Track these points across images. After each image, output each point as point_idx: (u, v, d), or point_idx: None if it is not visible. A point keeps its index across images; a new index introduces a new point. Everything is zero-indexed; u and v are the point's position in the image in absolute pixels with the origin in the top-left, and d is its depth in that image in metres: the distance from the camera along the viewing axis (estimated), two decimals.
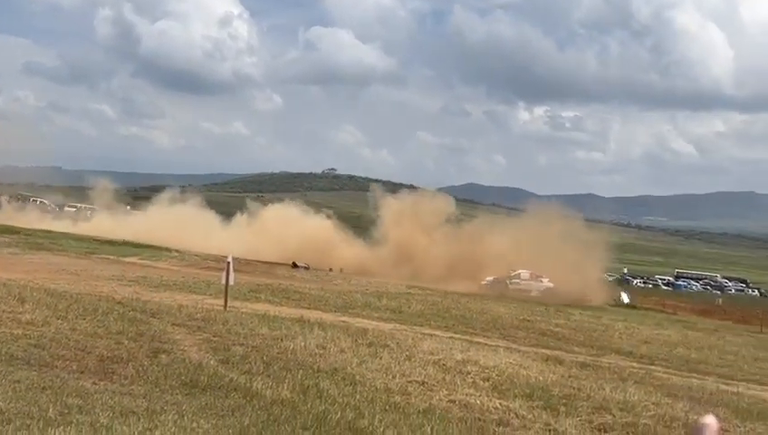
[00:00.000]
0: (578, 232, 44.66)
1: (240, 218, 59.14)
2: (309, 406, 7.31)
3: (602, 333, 21.32)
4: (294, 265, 38.98)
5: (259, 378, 8.31)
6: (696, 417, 8.83)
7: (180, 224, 49.99)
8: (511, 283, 40.34)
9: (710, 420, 1.16)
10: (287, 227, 50.58)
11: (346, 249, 49.74)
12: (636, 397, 9.78)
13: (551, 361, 13.07)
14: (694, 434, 1.18)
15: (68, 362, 7.95)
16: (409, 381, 9.30)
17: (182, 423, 6.03)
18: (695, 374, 14.65)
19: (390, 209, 53.37)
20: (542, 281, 40.56)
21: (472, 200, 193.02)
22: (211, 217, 58.02)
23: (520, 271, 41.47)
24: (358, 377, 9.19)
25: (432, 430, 7.03)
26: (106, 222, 53.45)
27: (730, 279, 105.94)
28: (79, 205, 74.72)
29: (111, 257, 30.25)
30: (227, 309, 14.80)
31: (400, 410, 7.80)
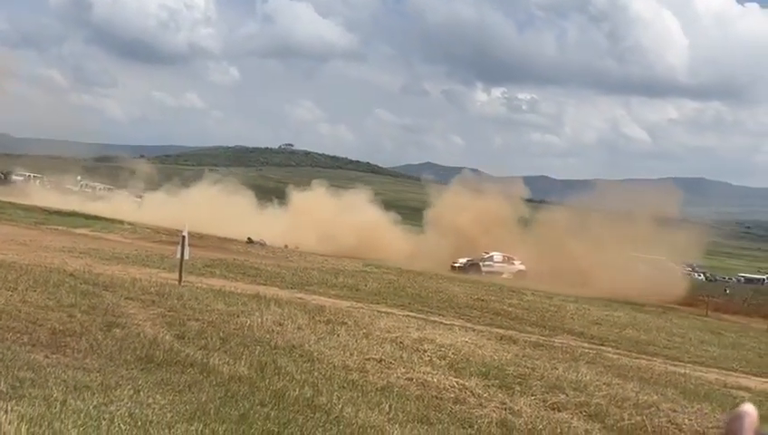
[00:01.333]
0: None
1: (274, 203, 55.53)
2: (267, 383, 7.28)
3: (554, 313, 21.67)
4: (250, 241, 38.63)
5: (216, 354, 8.23)
6: (645, 397, 9.07)
7: (216, 209, 45.89)
8: (484, 265, 40.05)
9: (749, 409, 1.12)
10: (330, 215, 45.92)
11: (397, 241, 44.86)
12: (588, 377, 9.98)
13: (505, 340, 13.25)
14: (731, 423, 1.14)
15: (19, 335, 7.74)
16: (367, 359, 9.32)
17: (138, 398, 5.94)
18: (643, 356, 15.01)
19: (452, 198, 48.09)
20: (513, 263, 40.38)
21: (428, 179, 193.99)
22: (245, 202, 53.78)
23: (493, 253, 41.14)
24: (315, 354, 9.18)
25: (390, 407, 7.07)
26: (157, 208, 47.75)
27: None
28: (27, 173, 72.79)
29: (61, 228, 29.55)
30: (182, 284, 14.60)
31: (358, 387, 7.82)
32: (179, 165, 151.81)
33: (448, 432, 6.53)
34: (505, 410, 7.73)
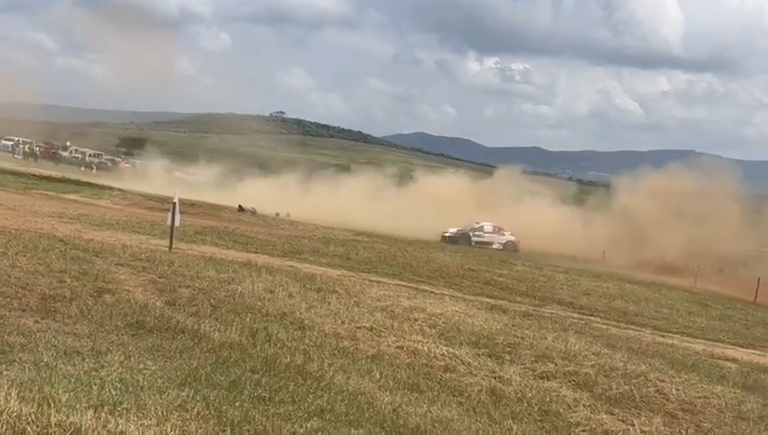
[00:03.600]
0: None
1: (387, 185, 53.91)
2: (258, 350, 7.28)
3: (544, 283, 21.79)
4: (240, 209, 38.53)
5: (207, 321, 8.24)
6: (633, 367, 9.15)
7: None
8: (474, 235, 39.53)
9: None
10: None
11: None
12: (577, 347, 10.04)
13: (495, 309, 13.33)
14: None
15: (9, 300, 7.71)
16: (358, 327, 9.34)
17: (129, 364, 5.94)
18: (632, 326, 15.14)
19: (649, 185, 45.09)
20: (503, 234, 39.81)
21: (421, 150, 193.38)
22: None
23: (483, 223, 40.53)
24: (306, 322, 9.20)
25: (381, 374, 7.10)
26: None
27: None
28: (16, 138, 72.09)
29: (51, 194, 29.39)
30: (172, 250, 14.57)
31: (349, 355, 7.85)
32: (171, 131, 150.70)
33: (438, 400, 6.57)
34: (495, 378, 7.77)
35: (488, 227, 40.43)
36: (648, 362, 9.72)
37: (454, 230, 39.76)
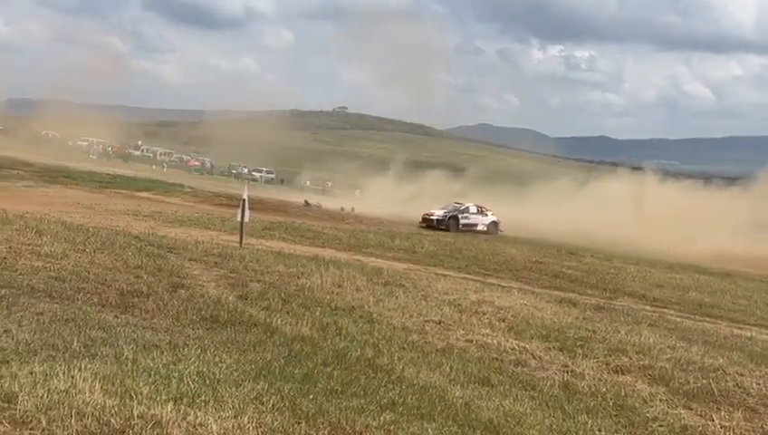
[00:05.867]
0: None
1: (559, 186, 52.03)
2: (329, 343, 7.37)
3: (615, 275, 21.32)
4: (307, 204, 38.99)
5: (278, 314, 8.37)
6: (711, 361, 8.88)
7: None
8: (462, 217, 36.21)
9: None
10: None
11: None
12: (651, 340, 9.82)
13: (564, 303, 13.12)
14: None
15: (89, 296, 8.00)
16: (426, 321, 9.36)
17: (205, 357, 6.09)
18: (707, 318, 14.68)
19: None
20: (486, 214, 36.96)
21: (484, 141, 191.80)
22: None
23: (467, 204, 37.66)
24: (375, 315, 9.25)
25: (451, 368, 7.08)
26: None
27: None
28: (90, 138, 74.60)
29: (125, 192, 30.32)
30: (243, 246, 14.85)
31: (418, 348, 7.86)
32: (240, 128, 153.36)
33: (510, 394, 6.51)
34: (567, 372, 7.66)
35: (473, 208, 37.31)
36: (726, 356, 9.41)
37: (441, 213, 36.20)
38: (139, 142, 79.41)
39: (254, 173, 71.95)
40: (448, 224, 34.97)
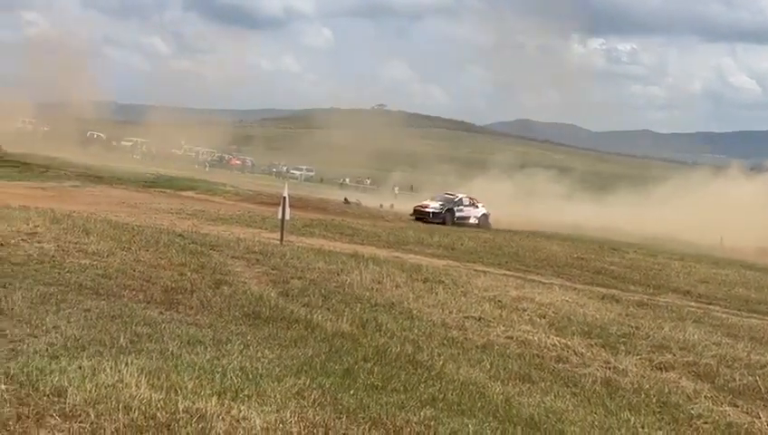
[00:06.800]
0: None
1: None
2: (369, 339, 7.41)
3: (658, 271, 20.99)
4: (346, 201, 39.19)
5: (319, 311, 8.45)
6: (758, 357, 8.71)
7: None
8: (457, 210, 34.35)
9: None
10: None
11: None
12: (696, 336, 9.66)
13: (607, 299, 12.97)
14: None
15: (135, 292, 8.18)
16: (466, 317, 9.35)
17: (248, 353, 6.18)
18: (754, 314, 14.36)
19: None
20: (477, 206, 35.29)
21: (524, 137, 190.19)
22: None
23: (460, 196, 35.73)
24: (415, 312, 9.28)
25: (491, 364, 7.07)
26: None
27: None
28: (134, 139, 76.03)
29: (168, 191, 30.87)
30: (283, 243, 15.00)
31: (458, 344, 7.86)
32: (279, 128, 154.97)
33: (551, 390, 6.47)
34: (610, 369, 7.59)
35: (466, 199, 35.32)
36: None
37: (436, 205, 34.14)
38: (182, 142, 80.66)
39: (293, 171, 72.57)
40: (444, 217, 33.09)
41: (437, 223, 31.41)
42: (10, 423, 4.11)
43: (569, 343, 8.45)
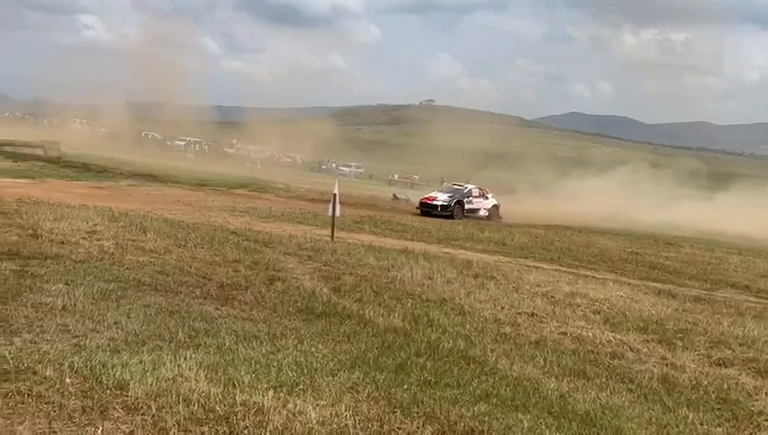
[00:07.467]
0: None
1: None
2: (421, 334, 7.43)
3: (716, 266, 20.47)
4: (395, 197, 39.23)
5: (370, 306, 8.51)
6: None
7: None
8: (467, 201, 31.79)
9: None
10: None
11: None
12: (756, 332, 9.42)
13: (663, 294, 12.73)
14: None
15: (191, 289, 8.36)
16: (518, 313, 9.29)
17: (302, 347, 6.27)
18: None
19: None
20: (488, 197, 32.83)
21: (575, 130, 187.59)
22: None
23: (469, 186, 33.16)
24: (466, 307, 9.26)
25: (545, 360, 7.02)
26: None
27: None
28: (187, 138, 77.43)
29: (221, 189, 31.33)
30: (334, 239, 15.12)
31: (511, 340, 7.82)
32: (327, 125, 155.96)
33: (607, 387, 6.39)
34: (667, 365, 7.46)
35: (475, 190, 32.80)
36: None
37: (445, 197, 31.49)
38: (234, 141, 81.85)
39: (342, 168, 72.93)
40: (453, 210, 30.46)
41: (445, 217, 29.24)
42: (76, 415, 4.26)
43: (624, 338, 8.34)
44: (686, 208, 41.47)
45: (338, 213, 16.12)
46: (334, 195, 16.10)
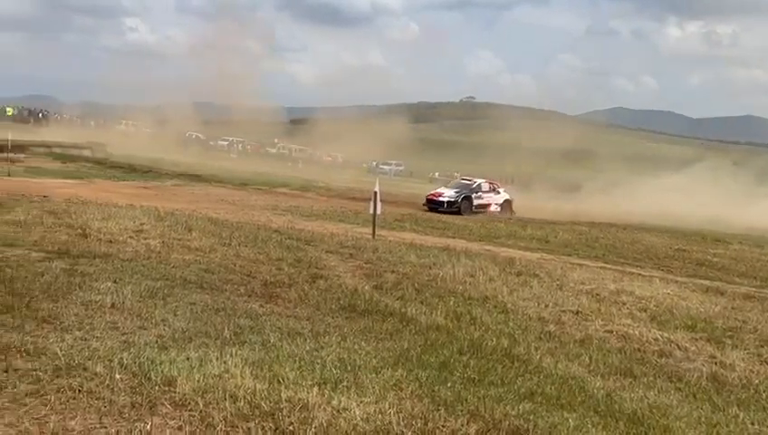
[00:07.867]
0: None
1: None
2: (463, 332, 7.40)
3: (765, 263, 19.98)
4: None
5: (412, 304, 8.50)
6: None
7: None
8: (476, 197, 30.41)
9: None
10: None
11: None
12: None
13: (711, 292, 12.47)
14: None
15: (236, 286, 8.46)
16: (562, 311, 9.19)
17: (345, 345, 6.29)
18: None
19: None
20: (499, 192, 31.66)
21: (619, 125, 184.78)
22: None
23: (479, 181, 31.97)
24: (509, 305, 9.19)
25: (590, 359, 6.93)
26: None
27: None
28: (230, 138, 78.35)
29: (264, 188, 31.66)
30: (376, 237, 15.16)
31: (556, 338, 7.74)
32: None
33: (655, 386, 6.29)
34: (716, 364, 7.31)
35: (485, 185, 31.59)
36: None
37: (452, 193, 30.30)
38: (276, 140, 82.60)
39: (383, 166, 72.94)
40: (461, 206, 29.33)
41: (452, 213, 28.23)
42: (125, 411, 4.34)
43: (672, 337, 8.19)
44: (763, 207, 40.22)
45: (379, 211, 16.15)
46: (375, 193, 16.14)
